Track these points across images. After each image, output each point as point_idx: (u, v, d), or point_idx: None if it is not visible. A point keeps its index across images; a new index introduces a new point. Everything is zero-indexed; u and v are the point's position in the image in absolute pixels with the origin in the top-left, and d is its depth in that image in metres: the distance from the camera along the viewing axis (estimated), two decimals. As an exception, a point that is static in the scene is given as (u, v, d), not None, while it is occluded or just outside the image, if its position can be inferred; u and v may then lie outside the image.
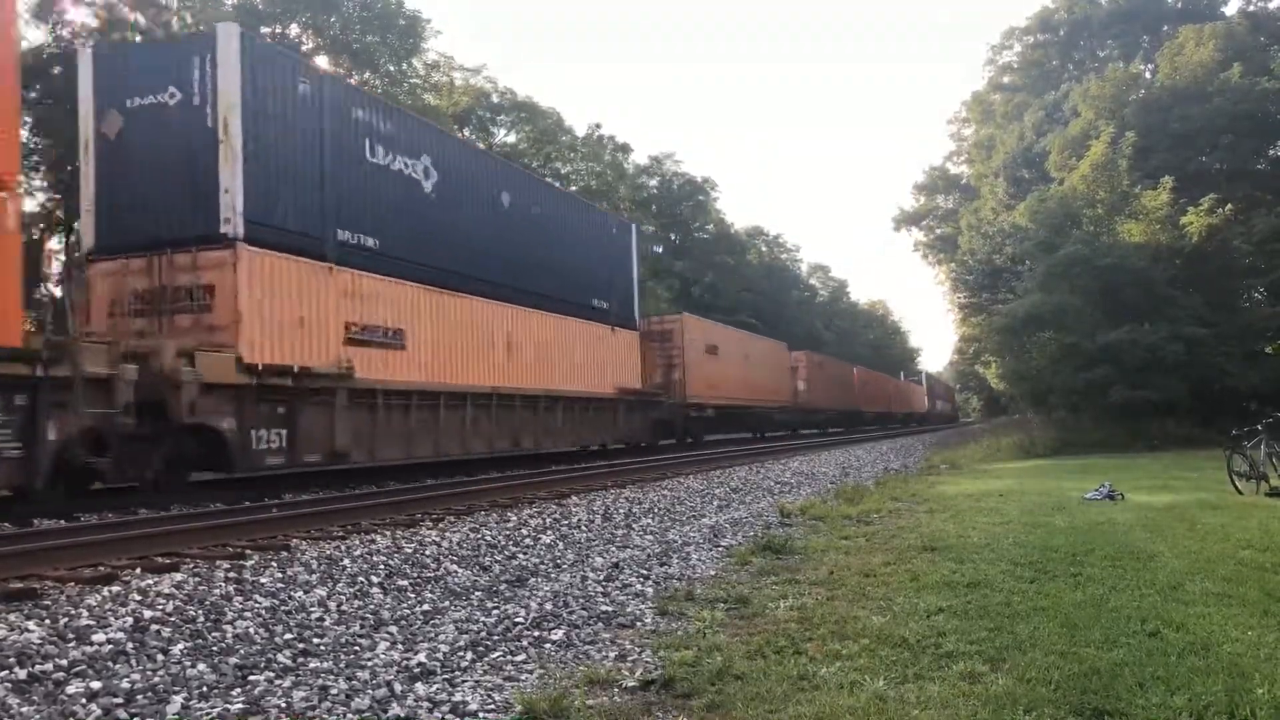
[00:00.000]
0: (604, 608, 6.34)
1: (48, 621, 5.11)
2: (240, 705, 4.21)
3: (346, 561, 7.19)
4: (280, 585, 6.33)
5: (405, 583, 6.86)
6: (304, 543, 8.04)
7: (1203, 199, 31.09)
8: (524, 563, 7.92)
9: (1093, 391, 30.45)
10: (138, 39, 32.03)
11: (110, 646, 4.81)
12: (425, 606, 6.26)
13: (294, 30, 37.37)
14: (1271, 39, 40.90)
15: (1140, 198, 32.55)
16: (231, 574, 6.50)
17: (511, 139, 51.69)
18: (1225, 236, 30.91)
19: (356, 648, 5.24)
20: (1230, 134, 34.82)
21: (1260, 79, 34.90)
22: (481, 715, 4.22)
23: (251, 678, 4.61)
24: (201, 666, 4.69)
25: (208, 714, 4.11)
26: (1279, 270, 33.27)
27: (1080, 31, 52.56)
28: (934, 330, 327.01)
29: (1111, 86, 38.65)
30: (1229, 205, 30.99)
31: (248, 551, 7.49)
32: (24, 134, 24.69)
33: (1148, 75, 42.91)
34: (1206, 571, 6.83)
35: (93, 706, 4.10)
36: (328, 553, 7.47)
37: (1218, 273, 32.14)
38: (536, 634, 5.66)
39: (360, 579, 6.76)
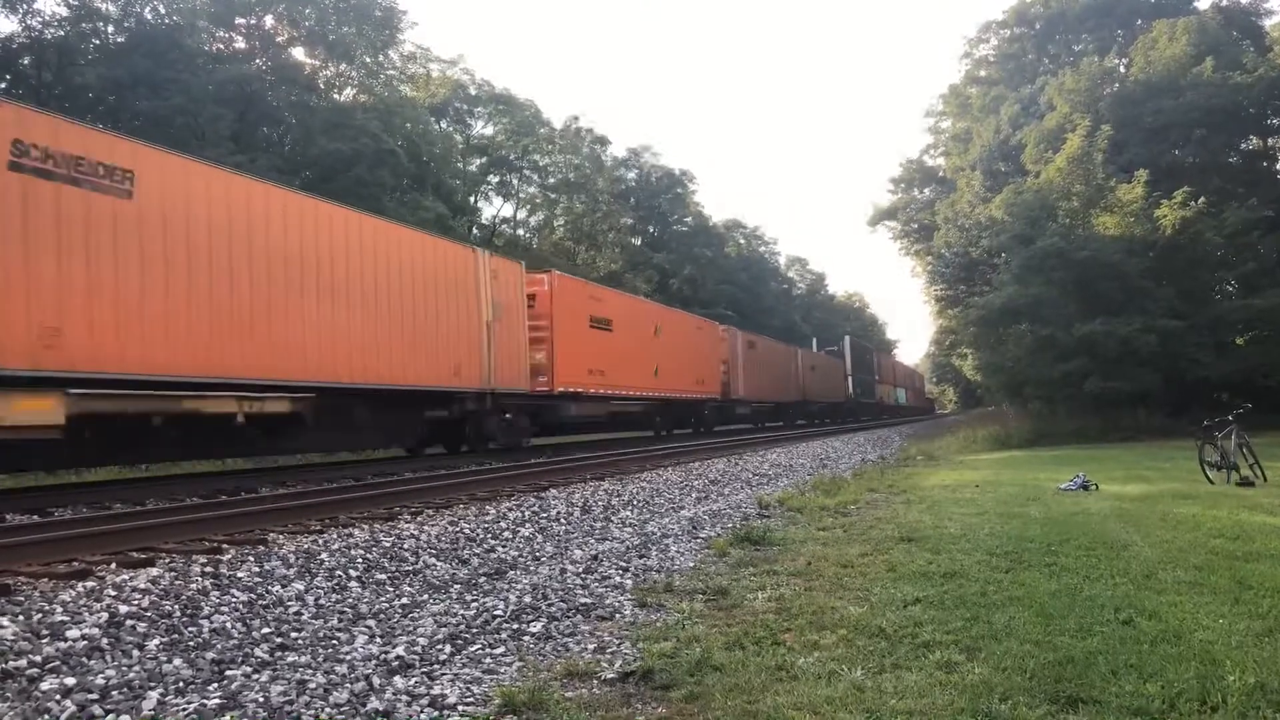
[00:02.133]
0: (583, 600, 6.35)
1: (21, 618, 5.05)
2: (217, 700, 4.19)
3: (324, 555, 7.15)
4: (257, 579, 6.29)
5: (383, 576, 6.84)
6: (281, 536, 7.99)
7: (1176, 192, 31.39)
8: (503, 556, 7.91)
9: (1068, 383, 30.75)
10: (109, 29, 31.65)
11: (85, 642, 4.77)
12: (404, 600, 6.24)
13: (269, 21, 37.02)
14: (1243, 33, 41.33)
15: (1115, 191, 32.83)
16: (208, 568, 6.45)
17: (489, 131, 51.48)
18: (1198, 229, 31.20)
19: (335, 641, 5.22)
20: (1203, 128, 35.16)
21: (1232, 73, 35.25)
22: (460, 708, 4.22)
23: (229, 672, 4.58)
24: (178, 661, 4.66)
25: (184, 709, 4.09)
26: (1250, 263, 33.71)
27: (1055, 25, 52.86)
28: (912, 322, 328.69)
29: (1086, 80, 38.91)
30: (1201, 199, 31.29)
31: (224, 546, 7.44)
32: None
33: (1122, 69, 43.21)
34: (1179, 560, 6.91)
35: (67, 703, 4.06)
36: (305, 546, 7.42)
37: (1190, 265, 32.47)
38: (515, 626, 5.66)
39: (338, 573, 6.73)
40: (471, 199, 49.43)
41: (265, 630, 5.32)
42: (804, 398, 45.93)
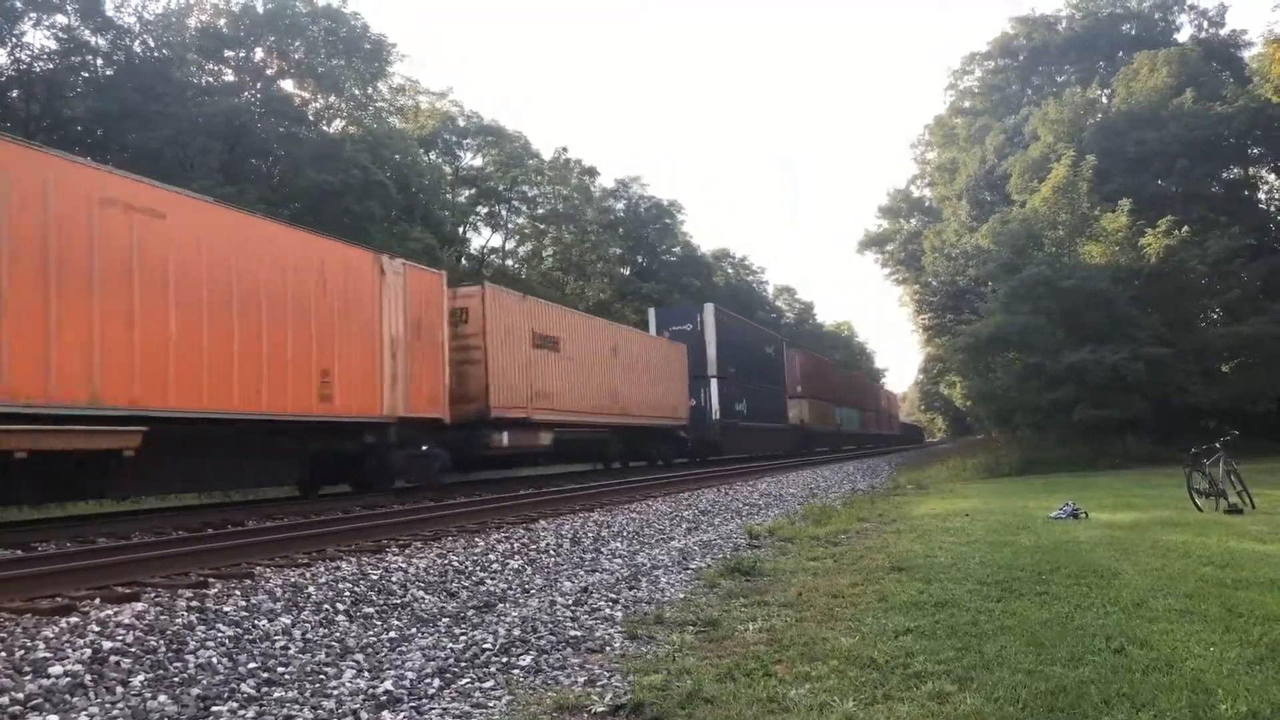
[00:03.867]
0: (573, 632, 6.30)
1: (3, 654, 4.99)
2: (202, 737, 4.13)
3: (311, 589, 7.09)
4: (244, 614, 6.23)
5: (371, 610, 6.78)
6: (268, 570, 7.93)
7: (1160, 221, 31.71)
8: (492, 588, 7.86)
9: (1057, 411, 30.84)
10: (99, 62, 31.76)
11: (68, 679, 4.71)
12: (392, 634, 6.19)
13: (259, 54, 37.20)
14: (1223, 64, 41.95)
15: (1100, 220, 33.14)
16: (194, 603, 6.39)
17: (478, 162, 51.72)
18: (1182, 258, 31.51)
19: (322, 676, 5.17)
20: (1185, 158, 35.60)
21: (1212, 104, 35.73)
22: (449, 743, 4.17)
23: (214, 709, 4.53)
24: (163, 698, 4.60)
25: (169, 747, 4.03)
26: (1234, 290, 34.05)
27: (1039, 57, 53.55)
28: (900, 350, 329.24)
29: (1070, 111, 39.40)
30: (1185, 227, 31.61)
31: (210, 579, 7.38)
32: None
33: (1104, 100, 43.76)
34: (1169, 589, 6.91)
35: (49, 741, 4.01)
36: (292, 580, 7.36)
37: (1176, 293, 32.75)
38: (504, 660, 5.61)
39: (326, 606, 6.67)
40: (460, 229, 49.57)
41: (252, 665, 5.26)
42: (484, 413, 19.11)
